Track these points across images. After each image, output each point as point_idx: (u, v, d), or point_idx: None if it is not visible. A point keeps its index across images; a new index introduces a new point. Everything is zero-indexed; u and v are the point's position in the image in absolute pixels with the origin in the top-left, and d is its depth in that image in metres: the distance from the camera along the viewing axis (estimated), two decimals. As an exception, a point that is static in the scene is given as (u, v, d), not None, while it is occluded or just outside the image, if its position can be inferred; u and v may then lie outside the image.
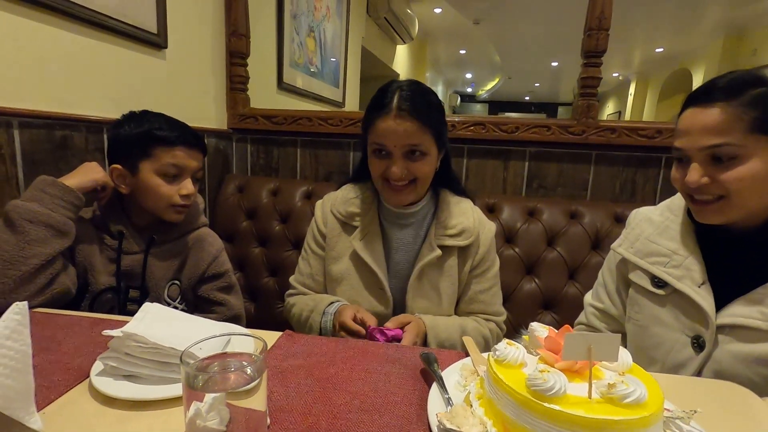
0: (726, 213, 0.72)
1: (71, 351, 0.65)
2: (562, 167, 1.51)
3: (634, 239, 0.87)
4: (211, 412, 0.33)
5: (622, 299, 0.91)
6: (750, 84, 0.68)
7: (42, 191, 0.85)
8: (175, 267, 1.03)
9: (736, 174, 0.68)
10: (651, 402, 0.40)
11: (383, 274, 0.98)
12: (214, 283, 1.08)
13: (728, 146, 0.67)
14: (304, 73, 2.58)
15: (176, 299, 1.03)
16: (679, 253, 0.80)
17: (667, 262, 0.80)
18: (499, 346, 0.48)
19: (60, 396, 0.54)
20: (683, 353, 0.77)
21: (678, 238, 0.81)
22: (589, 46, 1.40)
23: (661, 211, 0.88)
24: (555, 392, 0.40)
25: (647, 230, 0.86)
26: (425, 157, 0.91)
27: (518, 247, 1.37)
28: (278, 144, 1.71)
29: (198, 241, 1.06)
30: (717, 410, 0.56)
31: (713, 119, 0.68)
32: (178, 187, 0.97)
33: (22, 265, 0.80)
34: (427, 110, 0.90)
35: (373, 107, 0.93)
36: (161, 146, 0.95)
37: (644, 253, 0.84)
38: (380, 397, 0.57)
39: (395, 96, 0.89)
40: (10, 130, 0.95)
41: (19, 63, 0.97)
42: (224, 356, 0.41)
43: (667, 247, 0.81)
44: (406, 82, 0.94)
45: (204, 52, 1.57)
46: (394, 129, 0.88)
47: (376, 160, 0.93)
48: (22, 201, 0.83)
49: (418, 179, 0.93)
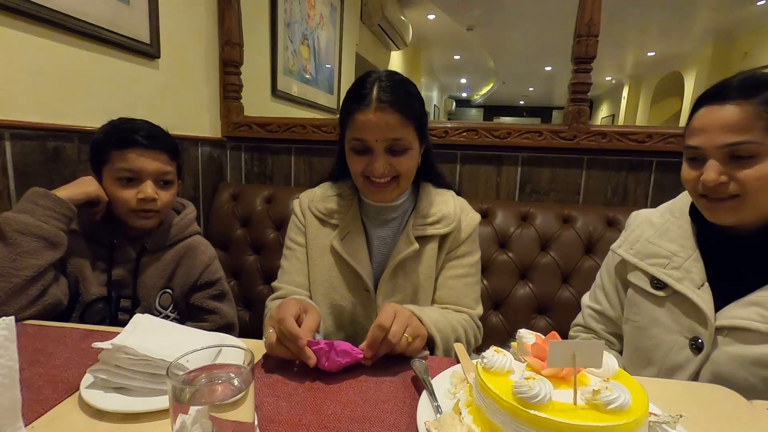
0: (740, 212, 0.71)
1: (61, 364, 0.65)
2: (555, 172, 1.52)
3: (634, 240, 0.87)
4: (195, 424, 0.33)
5: (620, 300, 0.91)
6: (765, 84, 0.68)
7: (34, 203, 0.85)
8: (166, 275, 1.02)
9: (755, 172, 0.67)
10: (635, 407, 0.41)
11: (368, 275, 0.93)
12: (207, 291, 1.07)
13: (748, 144, 0.67)
14: (298, 80, 2.60)
15: (168, 308, 1.03)
16: (680, 254, 0.80)
17: (667, 263, 0.81)
18: (486, 353, 0.49)
19: (49, 410, 0.54)
20: (681, 355, 0.77)
21: (678, 240, 0.81)
22: (579, 53, 1.42)
23: (661, 213, 0.88)
24: (540, 399, 0.40)
25: (647, 232, 0.86)
26: (408, 151, 0.87)
27: (512, 252, 1.37)
28: (272, 152, 1.72)
29: (190, 249, 1.05)
30: (704, 414, 0.57)
31: (732, 116, 0.68)
32: (137, 190, 0.94)
33: (14, 277, 0.80)
34: (408, 102, 0.85)
35: (350, 99, 0.87)
36: (115, 149, 0.93)
37: (644, 254, 0.84)
38: (370, 406, 0.57)
39: (374, 87, 0.83)
40: (1, 141, 0.95)
41: (12, 74, 0.97)
42: (212, 368, 0.41)
43: (667, 249, 0.82)
44: (385, 72, 0.88)
45: (197, 61, 1.58)
46: (375, 123, 0.82)
47: (355, 156, 0.88)
48: (13, 213, 0.83)
49: (401, 175, 0.88)
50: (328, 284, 0.94)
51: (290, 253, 1.01)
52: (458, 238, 0.96)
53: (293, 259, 1.00)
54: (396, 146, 0.85)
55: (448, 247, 0.96)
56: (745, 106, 0.68)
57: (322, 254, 0.96)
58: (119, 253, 0.97)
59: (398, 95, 0.83)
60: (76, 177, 1.11)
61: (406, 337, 0.68)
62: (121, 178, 0.94)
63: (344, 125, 0.90)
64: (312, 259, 0.97)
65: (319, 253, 0.96)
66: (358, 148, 0.87)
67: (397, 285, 0.93)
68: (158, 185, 0.97)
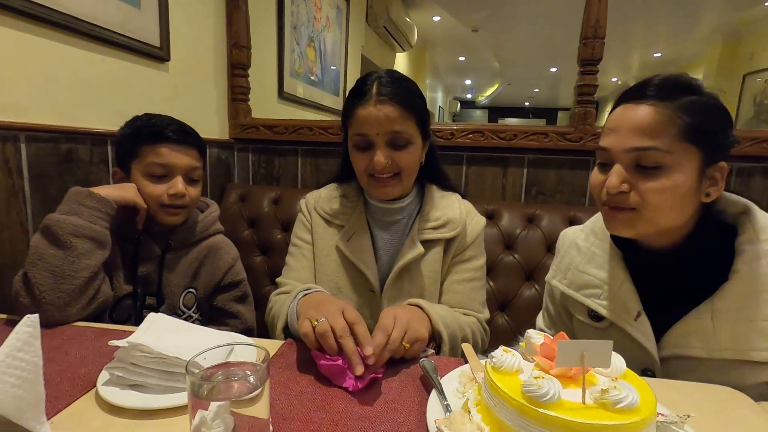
0: (636, 226, 0.68)
1: (77, 361, 0.66)
2: (561, 174, 1.52)
3: (565, 269, 0.83)
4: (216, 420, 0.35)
5: (568, 327, 0.87)
6: (685, 89, 0.65)
7: (80, 204, 0.85)
8: (190, 274, 1.02)
9: (657, 185, 0.64)
10: (643, 407, 0.42)
11: (374, 276, 0.93)
12: (231, 292, 1.07)
13: (655, 151, 0.63)
14: (304, 82, 2.61)
15: (191, 308, 1.03)
16: (610, 283, 0.75)
17: (600, 293, 0.76)
18: (495, 353, 0.49)
19: (67, 405, 0.55)
20: None
21: (605, 265, 0.76)
22: (585, 55, 1.42)
23: (585, 236, 0.83)
24: (549, 398, 0.41)
25: (576, 259, 0.82)
26: (409, 146, 0.87)
27: (518, 253, 1.37)
28: (279, 153, 1.73)
29: (214, 249, 1.06)
30: (711, 415, 0.57)
31: (645, 118, 0.64)
32: (167, 186, 0.94)
33: (74, 279, 0.80)
34: (408, 96, 0.86)
35: (351, 97, 0.88)
36: (146, 144, 0.93)
37: (577, 285, 0.80)
38: (380, 404, 0.58)
39: (374, 84, 0.85)
40: (17, 143, 0.97)
41: (26, 77, 0.99)
42: (228, 365, 0.42)
43: (597, 277, 0.77)
44: (385, 71, 0.89)
45: (206, 64, 1.60)
46: (375, 116, 0.83)
47: (358, 154, 0.89)
48: (62, 215, 0.83)
49: (403, 170, 0.88)
50: (333, 285, 0.95)
51: (296, 251, 1.01)
52: (464, 242, 0.96)
53: (299, 256, 1.00)
54: (397, 140, 0.86)
55: (454, 251, 0.96)
56: (660, 108, 0.63)
57: (327, 254, 0.97)
58: (144, 250, 0.98)
59: (397, 89, 0.85)
60: (89, 179, 1.14)
61: (403, 345, 0.68)
62: (152, 174, 0.94)
63: (346, 123, 0.91)
64: (318, 259, 0.98)
65: (325, 253, 0.97)
66: (360, 144, 0.88)
67: (402, 288, 0.93)
68: (187, 181, 0.97)
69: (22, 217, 1.00)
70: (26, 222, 1.01)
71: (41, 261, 0.79)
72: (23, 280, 0.80)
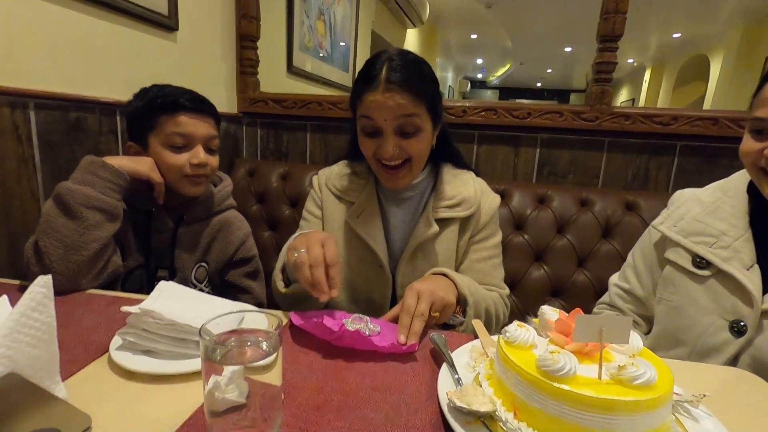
0: None
1: (91, 327, 0.67)
2: (574, 154, 1.49)
3: (678, 218, 0.85)
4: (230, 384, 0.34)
5: (653, 280, 0.89)
6: None
7: (94, 174, 0.83)
8: (202, 248, 1.02)
9: None
10: (660, 384, 0.41)
11: (383, 251, 0.93)
12: (242, 268, 1.07)
13: None
14: (313, 57, 2.56)
15: (203, 282, 1.04)
16: (729, 234, 0.77)
17: (714, 242, 0.78)
18: (509, 327, 0.49)
19: (81, 369, 0.56)
20: (717, 337, 0.75)
21: (729, 219, 0.79)
22: (605, 30, 1.37)
23: (711, 192, 0.85)
24: (565, 373, 0.41)
25: (694, 209, 0.84)
26: (419, 133, 0.84)
27: (527, 234, 1.36)
28: (288, 128, 1.71)
29: (226, 224, 1.05)
30: (726, 396, 0.56)
31: None
32: (189, 156, 0.93)
33: (84, 250, 0.80)
34: (419, 81, 0.82)
35: (360, 80, 0.85)
36: (163, 114, 0.91)
37: (688, 232, 0.82)
38: (391, 376, 0.58)
39: (384, 67, 0.81)
40: (26, 111, 0.96)
41: (34, 44, 0.97)
42: (241, 332, 0.42)
43: (715, 228, 0.79)
44: (396, 51, 0.85)
45: (214, 34, 1.56)
46: (383, 103, 0.80)
47: (366, 139, 0.87)
48: (74, 184, 0.82)
49: (413, 158, 0.86)
50: (342, 260, 0.95)
51: (305, 224, 1.02)
52: (480, 221, 0.96)
53: (307, 230, 1.00)
54: (406, 127, 0.83)
55: (471, 231, 0.96)
56: None
57: (337, 230, 0.97)
58: (156, 222, 0.97)
59: (408, 75, 0.81)
60: (98, 149, 1.13)
61: (433, 315, 0.70)
62: (174, 145, 0.92)
63: (355, 107, 0.88)
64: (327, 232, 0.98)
65: (335, 229, 0.97)
66: (368, 130, 0.86)
67: (416, 266, 0.93)
68: (206, 151, 0.96)
69: (33, 185, 1.00)
70: (37, 191, 1.01)
71: (52, 230, 0.79)
72: (34, 248, 0.80)
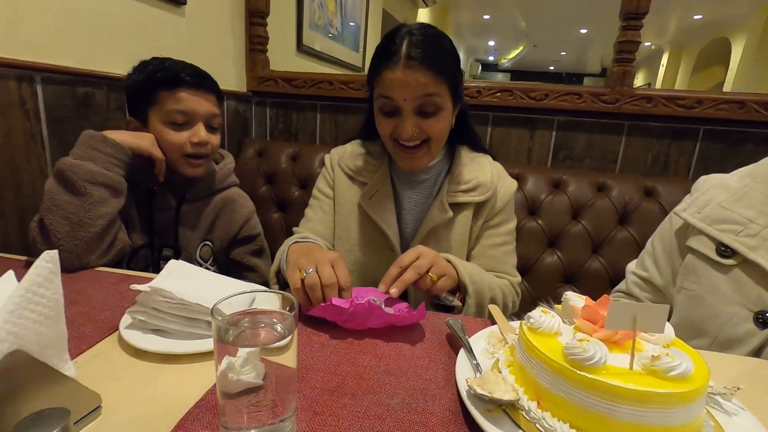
0: None
1: (100, 304, 0.66)
2: (592, 138, 1.45)
3: (702, 205, 0.82)
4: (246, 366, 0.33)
5: (672, 268, 0.86)
6: None
7: (95, 149, 0.81)
8: (206, 227, 1.01)
9: None
10: (696, 376, 0.39)
11: (394, 234, 0.90)
12: (247, 246, 1.06)
13: None
14: (323, 35, 2.50)
15: (208, 260, 1.03)
16: (757, 221, 0.74)
17: (741, 230, 0.75)
18: (533, 313, 0.47)
19: (91, 347, 0.55)
20: (741, 328, 0.72)
21: (758, 206, 0.75)
22: (629, 7, 1.31)
23: (739, 178, 0.82)
24: (595, 362, 0.38)
25: (720, 196, 0.80)
26: (439, 113, 0.80)
27: (541, 219, 1.33)
28: (298, 108, 1.68)
29: (229, 202, 1.04)
30: (760, 390, 0.54)
31: None
32: (190, 134, 0.90)
33: (90, 227, 0.78)
34: (441, 57, 0.78)
35: (379, 55, 0.80)
36: (163, 89, 0.88)
37: (713, 219, 0.79)
38: (405, 360, 0.56)
39: (404, 42, 0.77)
40: (33, 84, 0.94)
41: (41, 16, 0.95)
42: (254, 313, 0.40)
43: (742, 215, 0.76)
44: (417, 25, 0.81)
45: (223, 10, 1.52)
46: (403, 81, 0.76)
47: (383, 118, 0.83)
48: (76, 160, 0.80)
49: (432, 139, 0.83)
50: (353, 241, 0.93)
51: (316, 203, 1.00)
52: (495, 206, 0.93)
53: (318, 209, 0.99)
54: (426, 107, 0.80)
55: (485, 216, 0.93)
56: None
57: (349, 211, 0.95)
58: (159, 200, 0.95)
59: (430, 51, 0.77)
60: (107, 125, 1.11)
61: (430, 276, 0.67)
62: (173, 121, 0.89)
63: (372, 84, 0.85)
64: (339, 215, 0.96)
65: (347, 209, 0.95)
66: (386, 108, 0.82)
67: None
68: (207, 129, 0.93)
69: (41, 162, 0.98)
70: (45, 167, 0.99)
71: (56, 207, 0.77)
72: (39, 226, 0.79)
